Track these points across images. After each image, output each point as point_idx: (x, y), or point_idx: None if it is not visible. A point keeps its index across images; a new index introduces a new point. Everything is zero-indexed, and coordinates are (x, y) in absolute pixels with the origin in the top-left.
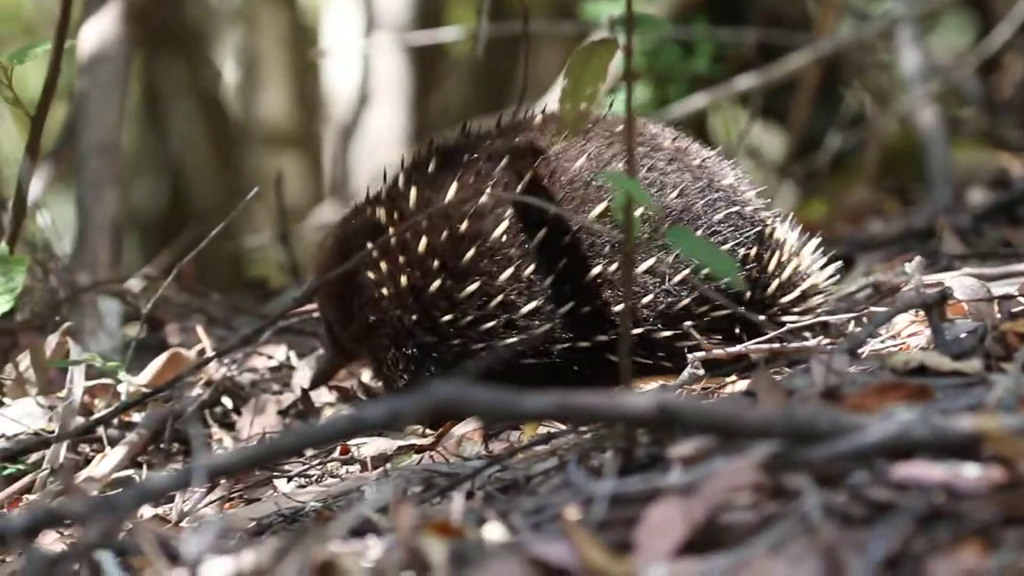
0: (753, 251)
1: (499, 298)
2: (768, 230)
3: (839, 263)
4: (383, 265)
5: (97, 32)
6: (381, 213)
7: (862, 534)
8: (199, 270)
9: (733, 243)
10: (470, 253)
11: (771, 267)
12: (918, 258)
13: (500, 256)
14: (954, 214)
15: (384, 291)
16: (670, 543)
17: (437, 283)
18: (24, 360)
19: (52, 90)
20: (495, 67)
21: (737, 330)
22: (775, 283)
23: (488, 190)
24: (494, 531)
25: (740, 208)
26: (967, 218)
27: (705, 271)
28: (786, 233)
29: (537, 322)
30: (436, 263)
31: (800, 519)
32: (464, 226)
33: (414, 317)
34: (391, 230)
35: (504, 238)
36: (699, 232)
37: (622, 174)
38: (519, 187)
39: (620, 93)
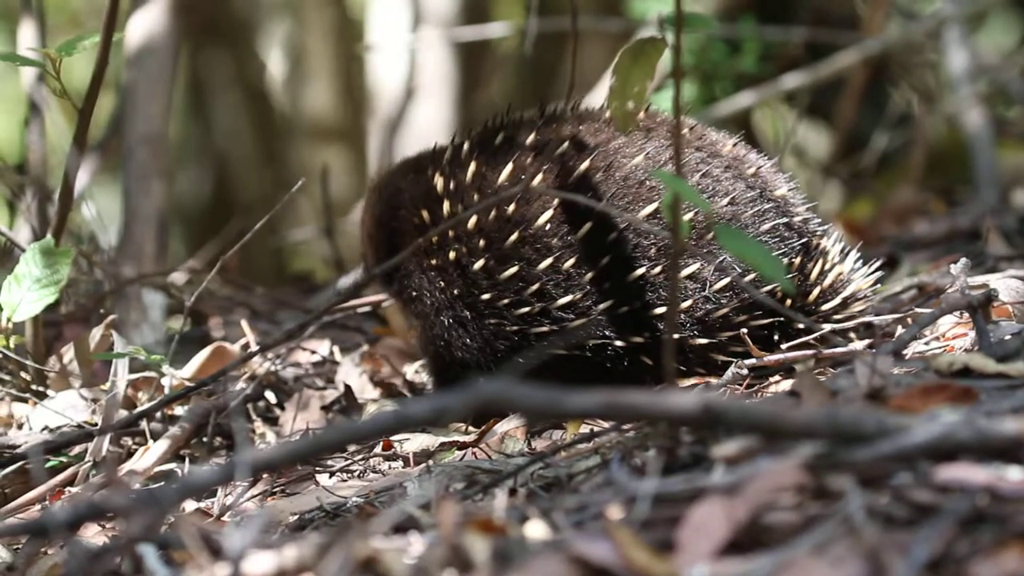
0: (797, 260)
1: (535, 286)
2: (814, 241)
3: (880, 273)
4: (434, 238)
5: (145, 24)
6: (439, 180)
7: (905, 536)
8: (243, 263)
9: (777, 254)
10: (513, 237)
11: (813, 276)
12: (963, 259)
13: (540, 244)
14: (1000, 215)
15: (432, 261)
16: (713, 543)
17: (481, 262)
18: (68, 352)
19: (99, 82)
20: (540, 63)
21: (776, 337)
22: (816, 290)
23: (539, 177)
24: (536, 529)
25: (789, 220)
26: (1013, 219)
27: (750, 278)
28: (831, 243)
29: (572, 315)
30: (482, 242)
31: (843, 520)
32: (511, 209)
33: (455, 291)
34: (445, 199)
35: (548, 227)
36: None
37: (672, 173)
38: (572, 177)
39: (668, 91)
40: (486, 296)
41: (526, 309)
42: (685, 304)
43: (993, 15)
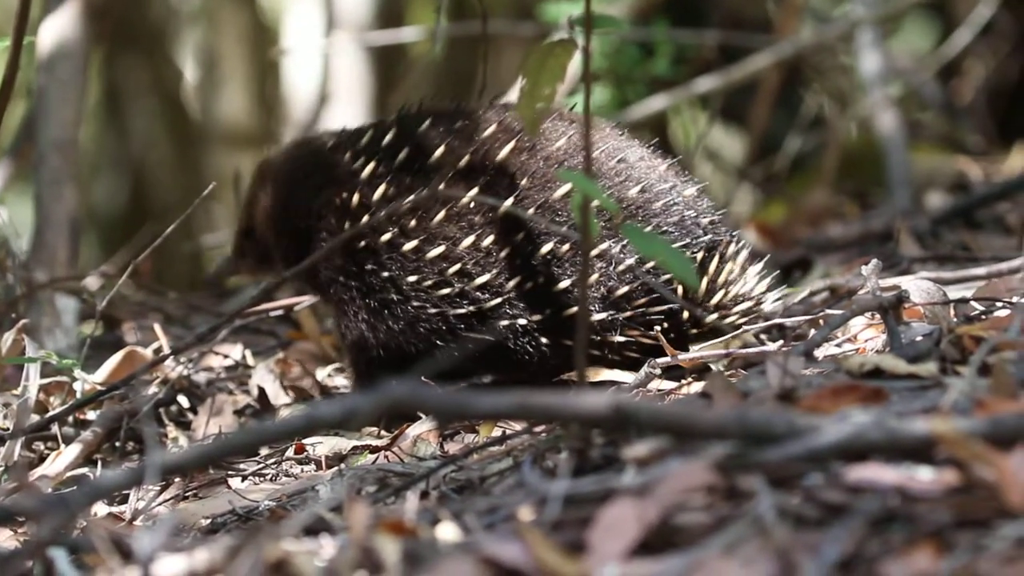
0: (699, 256)
1: (457, 265)
2: (721, 241)
3: (783, 287)
4: (364, 218)
5: (56, 29)
6: (360, 162)
7: (816, 536)
8: (157, 268)
9: (681, 245)
10: (440, 216)
11: (713, 273)
12: (875, 261)
13: (464, 222)
14: (912, 218)
15: (362, 243)
16: (623, 544)
17: (413, 243)
18: None
19: (10, 87)
20: (456, 67)
21: (668, 328)
22: (718, 294)
23: (466, 158)
24: (448, 531)
25: (697, 216)
26: (925, 222)
27: (650, 264)
28: (735, 248)
29: (488, 295)
30: (413, 222)
31: (754, 520)
32: (440, 188)
33: (386, 274)
34: (381, 182)
35: (472, 204)
36: (651, 229)
37: (580, 172)
38: (499, 156)
39: (579, 94)
40: (412, 277)
41: (447, 290)
42: (591, 279)
43: (908, 18)
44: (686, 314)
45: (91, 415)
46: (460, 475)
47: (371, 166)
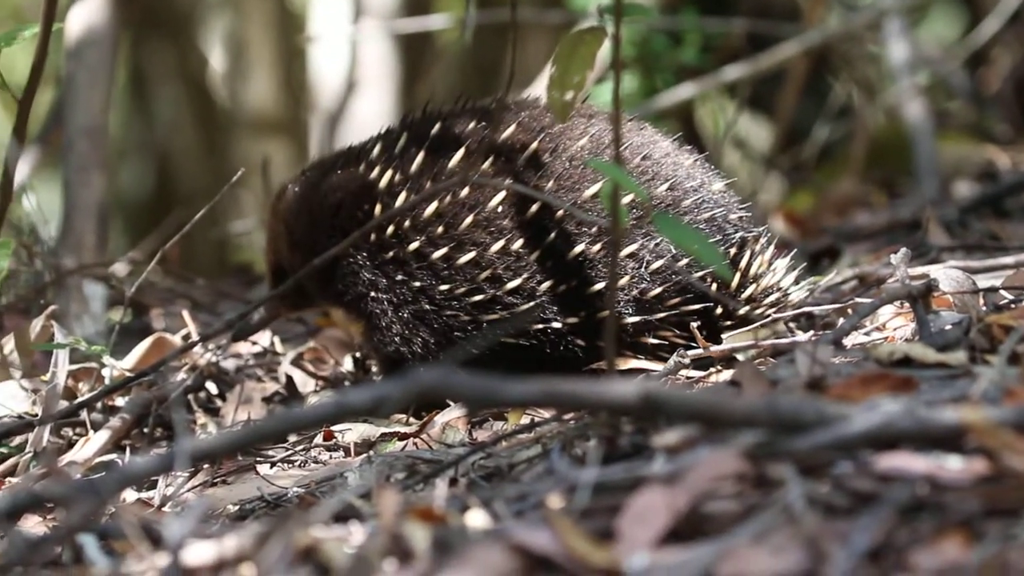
0: (731, 251)
1: (488, 271)
2: (750, 236)
3: (811, 275)
4: (389, 228)
5: (85, 16)
6: (376, 172)
7: (845, 525)
8: (184, 255)
9: (713, 242)
10: (468, 220)
11: (744, 270)
12: (904, 250)
13: (493, 227)
14: (940, 206)
15: (389, 255)
16: (653, 532)
17: (442, 250)
18: (8, 343)
19: (39, 73)
20: (482, 56)
21: (701, 326)
22: (749, 288)
23: (488, 160)
24: (477, 518)
25: (727, 212)
26: (953, 210)
27: (684, 262)
28: (763, 242)
29: (521, 300)
30: (440, 229)
31: (783, 509)
32: (464, 193)
33: (417, 284)
34: (399, 190)
35: (500, 209)
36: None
37: (612, 162)
38: (521, 159)
39: (608, 82)
40: (445, 286)
41: (480, 296)
42: (621, 282)
43: (935, 7)
44: (719, 309)
45: (120, 401)
46: (489, 462)
47: (388, 175)
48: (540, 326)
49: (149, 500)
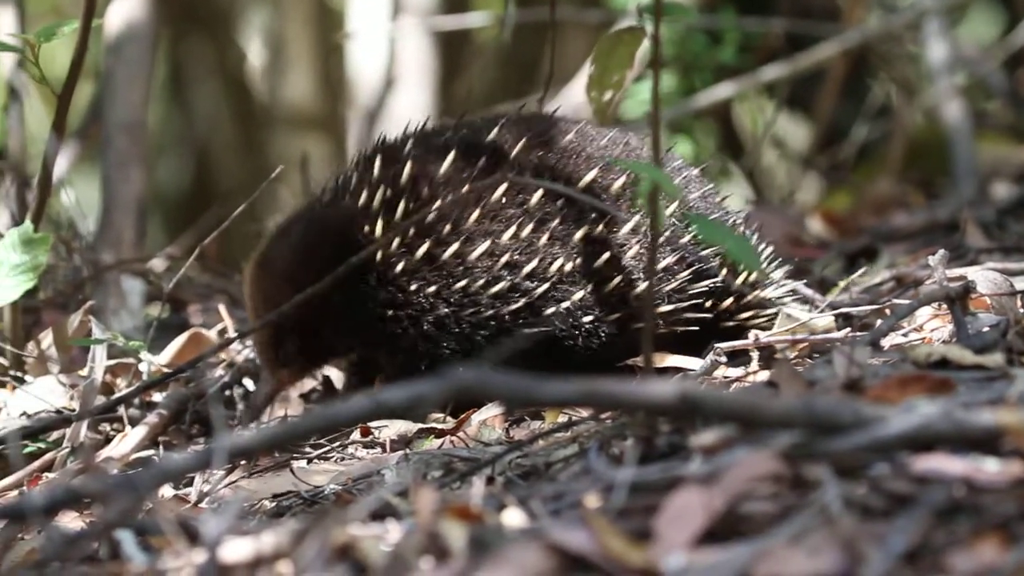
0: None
1: (505, 257)
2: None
3: (803, 292)
4: (394, 242)
5: (124, 11)
6: (364, 198)
7: (882, 526)
8: (222, 251)
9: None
10: (475, 214)
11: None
12: (942, 251)
13: (500, 216)
14: (978, 207)
15: (399, 267)
16: (689, 532)
17: (452, 248)
18: (46, 338)
19: (79, 68)
20: (520, 53)
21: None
22: (745, 298)
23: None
24: (514, 517)
25: (728, 219)
26: (991, 212)
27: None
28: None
29: (535, 283)
30: (448, 227)
31: (820, 510)
32: (465, 189)
33: (432, 289)
34: (390, 206)
35: (504, 199)
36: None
37: (648, 162)
38: (548, 155)
39: (647, 81)
40: (461, 283)
41: (500, 286)
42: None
43: (973, 8)
44: (727, 301)
45: (157, 397)
46: (525, 461)
47: (379, 193)
48: (561, 312)
49: (185, 496)
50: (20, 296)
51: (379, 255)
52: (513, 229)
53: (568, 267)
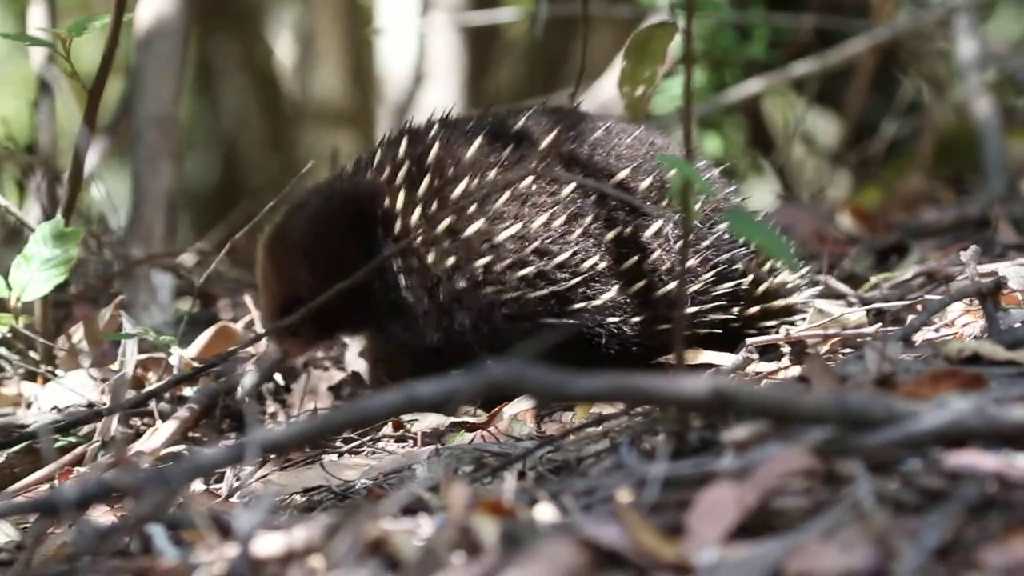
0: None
1: (535, 244)
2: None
3: (816, 287)
4: (415, 214)
5: (155, 6)
6: (387, 173)
7: (914, 522)
8: (252, 246)
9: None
10: (504, 196)
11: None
12: (974, 247)
13: (532, 202)
14: (1009, 203)
15: (420, 238)
16: (722, 527)
17: (476, 225)
18: (77, 332)
19: (109, 63)
20: (548, 49)
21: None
22: (762, 288)
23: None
24: (545, 512)
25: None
26: (1021, 208)
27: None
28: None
29: (566, 275)
30: (475, 206)
31: (853, 505)
32: (492, 174)
33: (451, 261)
34: (427, 173)
35: (534, 186)
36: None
37: (679, 156)
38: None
39: (678, 77)
40: (483, 260)
41: (529, 270)
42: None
43: (1004, 4)
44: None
45: (187, 391)
46: (557, 456)
47: (403, 170)
48: (581, 305)
49: (216, 491)
50: (51, 290)
51: (399, 224)
52: (545, 217)
53: (602, 265)
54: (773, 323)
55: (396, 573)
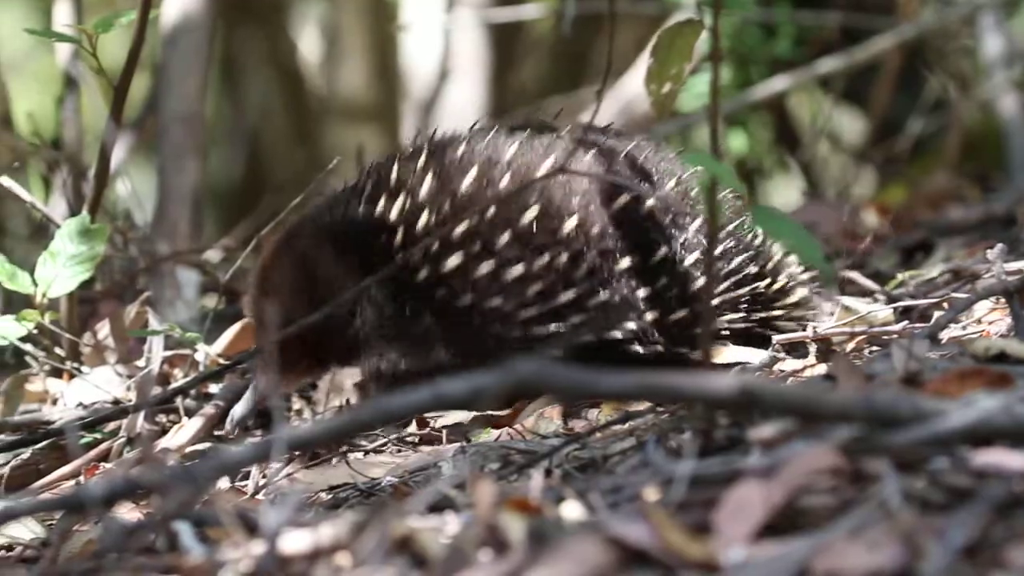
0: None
1: (538, 285)
2: (770, 250)
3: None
4: (416, 246)
5: (181, 3)
6: (382, 205)
7: (941, 520)
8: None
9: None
10: (505, 236)
11: (769, 283)
12: (1001, 245)
13: (532, 246)
14: None
15: (423, 276)
16: (749, 526)
17: (485, 267)
18: (103, 329)
19: (135, 59)
20: (573, 46)
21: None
22: (771, 284)
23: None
24: (572, 510)
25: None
26: None
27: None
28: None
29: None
30: (478, 245)
31: (879, 504)
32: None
33: (459, 301)
34: (424, 208)
35: (533, 227)
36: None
37: (708, 155)
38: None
39: (704, 74)
40: (494, 303)
41: (533, 311)
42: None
43: None
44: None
45: (213, 388)
46: (583, 453)
47: (398, 202)
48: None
49: (242, 488)
50: (77, 286)
51: (399, 259)
52: (546, 258)
53: (615, 299)
54: (783, 316)
55: (422, 571)
